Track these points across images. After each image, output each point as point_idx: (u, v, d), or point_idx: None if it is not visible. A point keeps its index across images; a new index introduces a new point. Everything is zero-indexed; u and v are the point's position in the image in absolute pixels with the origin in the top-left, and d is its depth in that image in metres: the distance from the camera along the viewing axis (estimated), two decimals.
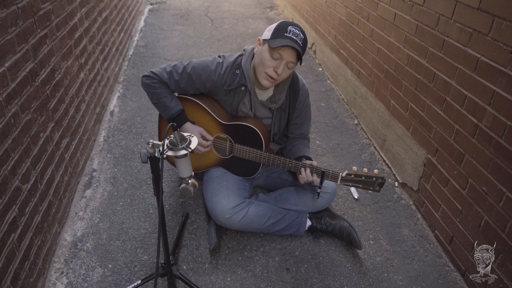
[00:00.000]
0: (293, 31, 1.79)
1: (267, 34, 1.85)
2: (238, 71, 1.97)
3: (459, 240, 2.05)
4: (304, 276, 2.01)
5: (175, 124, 1.33)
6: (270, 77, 1.85)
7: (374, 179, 1.92)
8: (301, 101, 2.13)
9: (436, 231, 2.27)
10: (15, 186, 1.62)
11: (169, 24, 5.58)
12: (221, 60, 2.01)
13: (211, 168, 2.21)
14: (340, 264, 2.08)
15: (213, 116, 2.05)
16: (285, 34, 1.78)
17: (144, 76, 2.05)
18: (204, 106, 2.05)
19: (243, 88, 2.00)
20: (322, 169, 1.94)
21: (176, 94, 2.12)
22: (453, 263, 2.11)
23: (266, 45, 1.84)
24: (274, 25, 1.85)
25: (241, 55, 2.02)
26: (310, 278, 2.00)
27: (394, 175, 2.76)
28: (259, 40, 1.92)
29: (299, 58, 1.81)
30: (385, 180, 1.92)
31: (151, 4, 6.56)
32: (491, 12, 1.76)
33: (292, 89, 2.08)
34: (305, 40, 1.83)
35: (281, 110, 2.10)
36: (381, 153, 2.95)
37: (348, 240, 2.13)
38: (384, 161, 2.89)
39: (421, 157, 2.40)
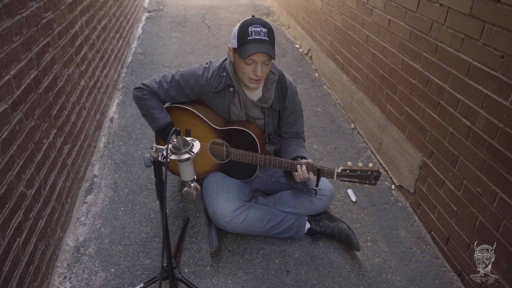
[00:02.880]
0: (254, 31, 1.83)
1: (233, 42, 1.89)
2: (224, 74, 2.03)
3: (455, 240, 2.09)
4: (304, 278, 2.04)
5: (178, 129, 1.38)
6: (253, 79, 1.92)
7: (369, 172, 1.96)
8: (290, 100, 2.17)
9: (432, 232, 2.31)
10: (20, 191, 1.65)
11: (166, 31, 5.64)
12: (207, 66, 2.08)
13: (210, 173, 2.24)
14: (339, 266, 2.11)
15: (207, 123, 2.08)
16: (248, 38, 1.82)
17: (135, 88, 2.10)
18: (198, 114, 2.09)
19: (231, 89, 2.06)
20: (318, 167, 1.98)
21: (168, 105, 2.17)
22: (449, 263, 2.15)
23: (237, 55, 1.89)
24: (236, 31, 1.88)
25: (226, 59, 2.09)
26: (310, 279, 2.03)
27: (390, 178, 2.80)
28: (229, 48, 1.96)
29: (271, 55, 1.84)
30: (380, 173, 1.95)
31: (149, 11, 6.62)
32: (482, 18, 1.82)
33: (280, 88, 2.13)
34: (270, 31, 1.86)
35: (272, 109, 2.15)
36: (377, 157, 3.00)
37: (346, 242, 2.16)
38: (381, 164, 2.94)
39: (417, 160, 2.45)
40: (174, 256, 2.02)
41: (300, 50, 5.23)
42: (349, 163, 1.99)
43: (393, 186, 2.74)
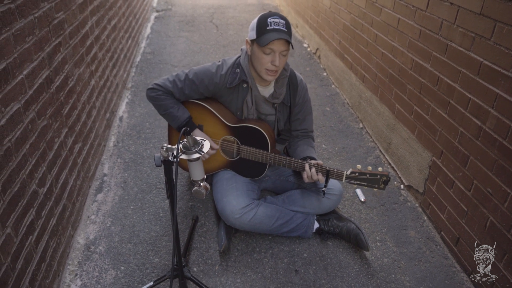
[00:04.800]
0: (273, 21, 1.85)
1: (251, 34, 1.92)
2: (238, 70, 2.06)
3: (465, 241, 2.08)
4: (313, 277, 2.04)
5: (188, 128, 1.39)
6: (271, 71, 1.94)
7: (378, 176, 1.94)
8: (301, 96, 2.20)
9: (442, 232, 2.30)
10: (32, 189, 1.68)
11: (175, 31, 5.66)
12: (220, 63, 2.11)
13: (220, 170, 2.26)
14: (348, 266, 2.11)
15: (220, 119, 2.11)
16: (268, 28, 1.84)
17: (149, 89, 2.13)
18: (212, 110, 2.11)
19: (245, 85, 2.08)
20: (327, 168, 1.98)
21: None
22: (459, 264, 2.14)
23: (255, 45, 1.91)
24: (254, 23, 1.91)
25: (239, 56, 2.11)
26: (319, 279, 2.03)
27: (399, 177, 2.79)
28: (247, 41, 1.99)
29: (289, 43, 1.88)
30: (389, 177, 1.94)
31: (157, 11, 6.65)
32: (493, 17, 1.81)
33: (291, 84, 2.16)
34: (287, 24, 1.89)
35: (284, 105, 2.17)
36: (386, 156, 2.99)
37: (355, 242, 2.16)
38: (390, 164, 2.93)
39: (426, 159, 2.43)
40: (183, 255, 2.04)
41: (308, 49, 5.22)
42: (359, 166, 1.98)
43: (402, 186, 2.73)
